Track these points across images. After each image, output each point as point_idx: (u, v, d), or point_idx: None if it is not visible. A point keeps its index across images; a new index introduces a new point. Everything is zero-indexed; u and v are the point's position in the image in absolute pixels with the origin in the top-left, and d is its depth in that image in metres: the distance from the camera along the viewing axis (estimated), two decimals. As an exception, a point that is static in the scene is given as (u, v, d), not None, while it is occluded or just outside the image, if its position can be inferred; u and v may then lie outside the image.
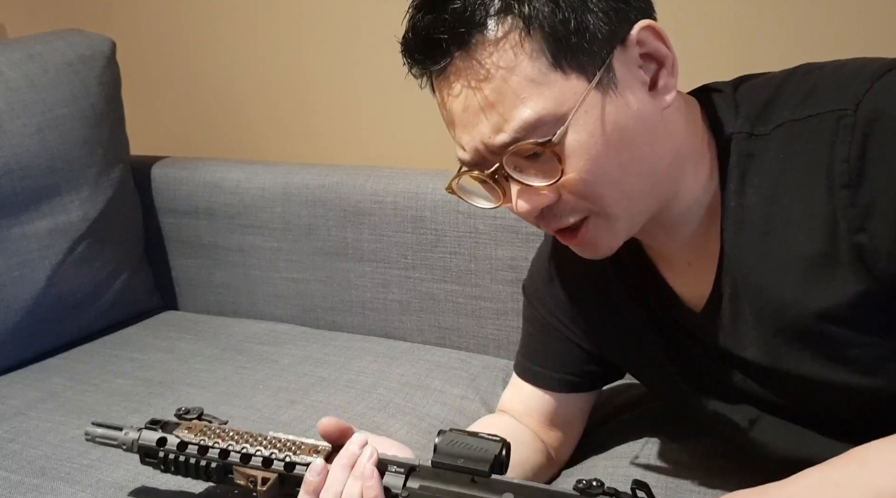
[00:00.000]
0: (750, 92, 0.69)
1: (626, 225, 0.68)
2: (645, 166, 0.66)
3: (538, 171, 0.64)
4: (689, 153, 0.69)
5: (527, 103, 0.62)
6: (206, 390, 1.14)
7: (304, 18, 1.48)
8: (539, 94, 0.62)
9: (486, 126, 0.64)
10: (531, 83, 0.62)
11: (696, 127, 0.70)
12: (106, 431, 0.84)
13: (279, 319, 1.43)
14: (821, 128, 0.62)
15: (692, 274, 0.74)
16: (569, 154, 0.63)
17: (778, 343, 0.69)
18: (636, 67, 0.65)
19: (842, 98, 0.62)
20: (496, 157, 0.65)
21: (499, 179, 0.67)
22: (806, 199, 0.64)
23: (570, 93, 0.62)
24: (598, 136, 0.63)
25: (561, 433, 0.90)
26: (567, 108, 0.62)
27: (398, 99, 1.44)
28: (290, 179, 1.38)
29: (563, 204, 0.66)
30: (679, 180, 0.69)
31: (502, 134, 0.63)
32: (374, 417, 1.05)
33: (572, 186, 0.64)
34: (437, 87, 0.68)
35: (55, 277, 1.30)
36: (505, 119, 0.63)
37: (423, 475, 0.68)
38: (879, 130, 0.59)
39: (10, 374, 1.24)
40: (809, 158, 0.63)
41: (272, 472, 0.74)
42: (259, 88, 1.58)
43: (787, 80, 0.67)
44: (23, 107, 1.28)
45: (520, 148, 0.63)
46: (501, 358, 1.23)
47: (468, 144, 0.66)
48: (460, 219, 1.23)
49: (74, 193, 1.33)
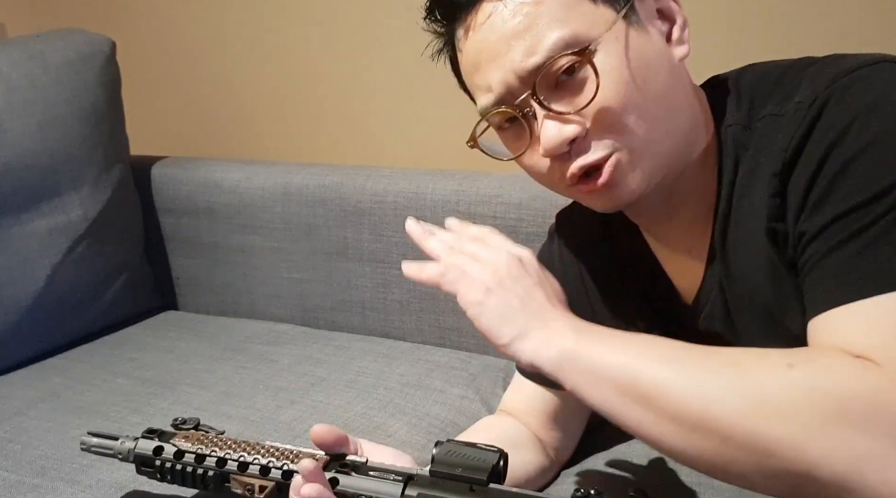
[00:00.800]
0: (752, 84, 0.70)
1: (649, 164, 0.67)
2: (668, 102, 0.67)
3: (567, 98, 0.65)
4: (698, 123, 0.70)
5: (560, 24, 0.64)
6: (206, 390, 1.14)
7: (304, 19, 1.48)
8: (571, 18, 0.64)
9: (517, 51, 0.65)
10: (564, 7, 0.64)
11: (704, 111, 0.71)
12: (102, 441, 0.83)
13: (279, 319, 1.43)
14: (786, 121, 0.63)
15: (690, 263, 0.74)
16: (601, 76, 0.64)
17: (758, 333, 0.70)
18: (654, 18, 0.68)
19: (808, 92, 0.62)
20: (526, 87, 0.65)
21: (527, 114, 0.67)
22: (760, 190, 0.65)
23: (600, 19, 0.64)
24: (627, 63, 0.64)
25: (561, 433, 0.90)
26: (597, 32, 0.64)
27: (399, 99, 1.44)
28: (290, 179, 1.38)
29: (589, 138, 0.66)
30: (691, 139, 0.70)
31: (535, 56, 0.64)
32: (374, 417, 1.05)
33: (600, 114, 0.65)
34: (461, 35, 0.69)
35: (55, 277, 1.30)
36: (538, 40, 0.64)
37: (421, 484, 0.68)
38: (819, 125, 0.60)
39: (10, 374, 1.24)
40: (771, 151, 0.64)
41: (269, 480, 0.74)
42: (259, 88, 1.58)
43: (786, 74, 0.68)
44: (23, 106, 1.28)
45: (554, 63, 0.64)
46: (501, 358, 1.23)
47: (497, 78, 0.66)
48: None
49: (74, 193, 1.33)
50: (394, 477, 0.69)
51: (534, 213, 1.17)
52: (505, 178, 1.21)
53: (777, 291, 0.66)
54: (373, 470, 0.70)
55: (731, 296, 0.71)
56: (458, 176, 1.25)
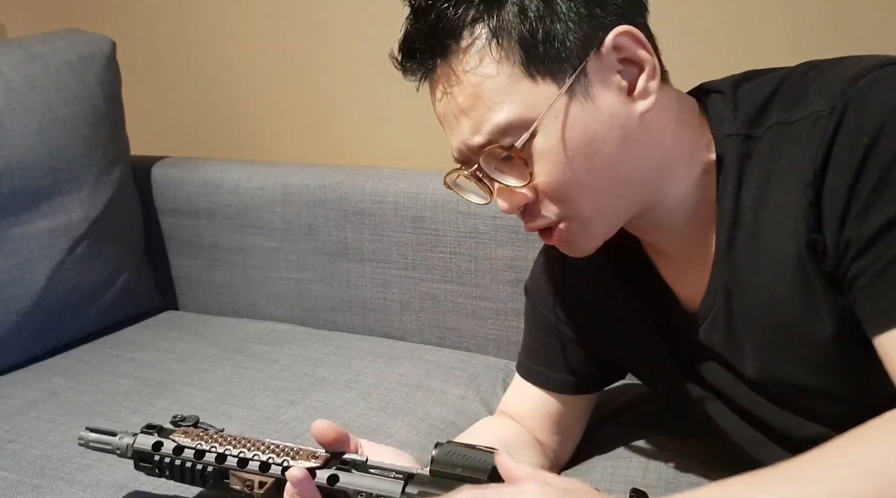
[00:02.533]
0: (749, 92, 0.69)
1: (602, 227, 0.70)
2: (619, 171, 0.67)
3: (514, 173, 0.67)
4: (680, 155, 0.69)
5: (499, 108, 0.65)
6: (206, 390, 1.14)
7: (304, 19, 1.48)
8: (510, 100, 0.65)
9: (465, 127, 0.67)
10: (503, 89, 0.65)
11: (692, 127, 0.70)
12: (100, 436, 0.82)
13: (279, 319, 1.43)
14: (802, 130, 0.63)
15: (692, 272, 0.74)
16: (537, 158, 0.66)
17: (767, 346, 0.69)
18: (614, 73, 0.66)
19: (822, 101, 0.62)
20: (476, 157, 0.68)
21: (482, 178, 0.69)
22: (785, 200, 0.64)
23: (541, 98, 0.65)
24: (567, 142, 0.65)
25: (561, 436, 0.90)
26: (537, 113, 0.64)
27: (398, 99, 1.44)
28: (290, 179, 1.38)
29: (539, 205, 0.69)
30: (664, 182, 0.69)
31: (478, 136, 0.66)
32: (374, 418, 1.05)
33: (543, 189, 0.67)
34: (429, 89, 0.71)
35: (55, 277, 1.30)
36: (480, 122, 0.66)
37: (421, 482, 0.68)
38: (843, 131, 0.60)
39: (11, 373, 1.24)
40: (790, 160, 0.64)
41: (269, 476, 0.74)
42: (259, 88, 1.58)
43: (785, 81, 0.67)
44: (23, 107, 1.28)
45: (492, 151, 0.66)
46: (501, 358, 1.23)
47: (454, 144, 0.70)
48: (460, 219, 1.23)
49: (75, 193, 1.33)
50: (394, 475, 0.69)
51: (534, 213, 1.17)
52: (505, 179, 1.21)
53: (806, 300, 0.65)
54: (373, 468, 0.71)
55: (738, 306, 0.70)
56: (458, 176, 1.25)
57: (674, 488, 0.83)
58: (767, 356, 0.69)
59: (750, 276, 0.68)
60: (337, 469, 0.71)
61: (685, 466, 0.87)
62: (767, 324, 0.68)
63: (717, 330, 0.73)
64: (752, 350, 0.70)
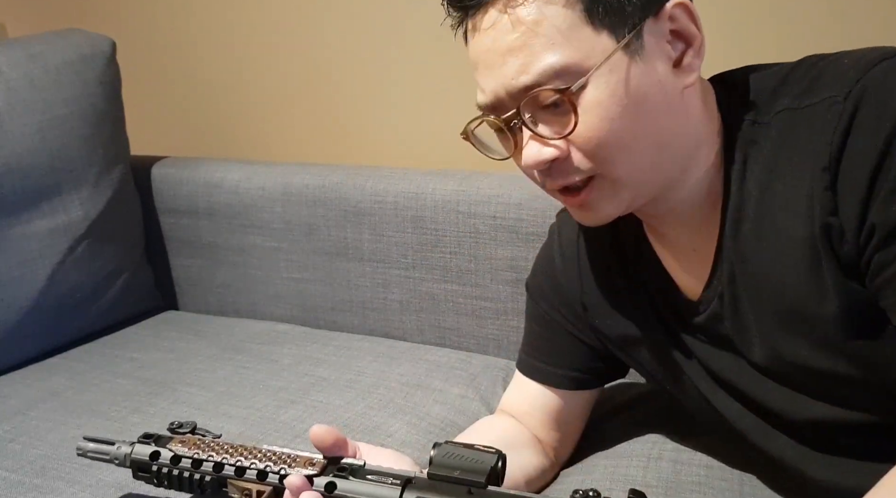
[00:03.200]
0: (758, 81, 0.70)
1: (629, 194, 0.68)
2: (658, 139, 0.66)
3: (552, 122, 0.65)
4: (705, 138, 0.70)
5: (555, 49, 0.63)
6: (206, 390, 1.14)
7: (304, 19, 1.49)
8: (568, 44, 0.63)
9: (511, 67, 0.64)
10: (562, 32, 0.63)
11: (711, 113, 0.71)
12: (98, 446, 0.82)
13: (279, 319, 1.43)
14: (814, 116, 0.63)
15: (696, 260, 0.74)
16: (585, 109, 0.63)
17: (775, 328, 0.69)
18: (664, 41, 0.65)
19: (836, 87, 0.62)
20: (514, 103, 0.65)
21: (513, 127, 0.67)
22: (796, 184, 0.64)
23: (598, 49, 0.63)
24: (618, 98, 0.63)
25: (561, 433, 0.90)
26: (592, 62, 0.63)
27: (399, 99, 1.44)
28: (290, 179, 1.38)
29: (571, 161, 0.66)
30: (690, 162, 0.69)
31: (525, 75, 0.64)
32: (374, 417, 1.05)
33: (583, 143, 0.65)
34: (470, 28, 0.68)
35: (55, 277, 1.30)
36: (531, 61, 0.63)
37: (419, 487, 0.68)
38: (862, 116, 0.60)
39: (11, 373, 1.24)
40: (802, 146, 0.64)
41: (267, 485, 0.74)
42: (259, 88, 1.58)
43: (794, 71, 0.68)
44: (23, 106, 1.28)
45: (539, 93, 0.64)
46: (501, 358, 1.24)
47: (489, 87, 0.66)
48: (460, 219, 1.23)
49: (75, 193, 1.33)
50: (392, 480, 0.69)
51: (534, 213, 1.17)
52: (505, 178, 1.21)
53: (815, 282, 0.65)
54: (370, 473, 0.70)
55: (744, 290, 0.70)
56: (458, 176, 1.25)
57: (674, 488, 0.84)
58: (775, 338, 0.69)
59: (756, 259, 0.68)
60: (334, 476, 0.71)
61: (686, 465, 0.87)
62: (775, 306, 0.68)
63: (722, 315, 0.73)
64: (760, 333, 0.70)
